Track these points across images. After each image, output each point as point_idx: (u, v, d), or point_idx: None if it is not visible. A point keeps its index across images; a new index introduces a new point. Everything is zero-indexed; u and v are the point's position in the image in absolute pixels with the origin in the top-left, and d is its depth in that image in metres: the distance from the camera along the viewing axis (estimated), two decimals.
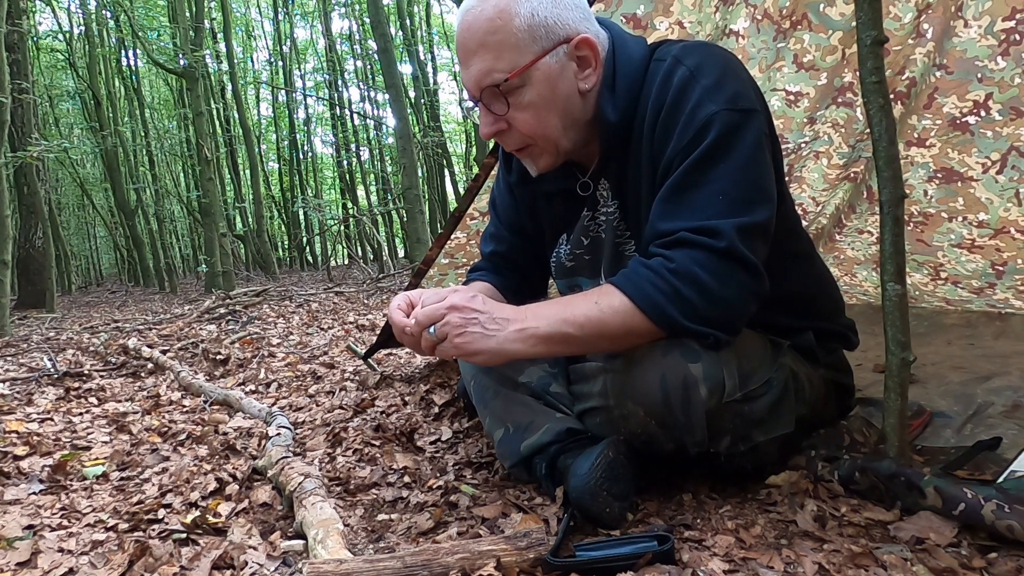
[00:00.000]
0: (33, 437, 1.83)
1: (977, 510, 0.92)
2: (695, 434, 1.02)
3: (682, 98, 1.02)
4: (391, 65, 7.05)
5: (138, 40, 10.81)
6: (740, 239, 0.97)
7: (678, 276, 0.97)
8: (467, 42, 1.03)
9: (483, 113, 1.08)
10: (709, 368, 0.99)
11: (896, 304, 1.02)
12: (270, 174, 19.58)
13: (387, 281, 7.23)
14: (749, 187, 1.01)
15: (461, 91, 10.35)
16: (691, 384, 0.99)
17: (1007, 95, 1.56)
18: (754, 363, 1.06)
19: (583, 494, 1.01)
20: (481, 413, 1.31)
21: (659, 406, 1.01)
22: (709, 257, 0.96)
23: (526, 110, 1.05)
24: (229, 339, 3.72)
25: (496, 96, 1.05)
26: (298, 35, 18.10)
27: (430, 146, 13.83)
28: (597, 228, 1.21)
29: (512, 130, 1.08)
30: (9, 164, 6.00)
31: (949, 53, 1.59)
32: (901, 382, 1.04)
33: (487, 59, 1.02)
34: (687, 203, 1.00)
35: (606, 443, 1.06)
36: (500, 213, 1.37)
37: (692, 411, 1.00)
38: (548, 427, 1.18)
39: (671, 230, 1.00)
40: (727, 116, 0.99)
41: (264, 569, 1.01)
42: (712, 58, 1.04)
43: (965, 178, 1.76)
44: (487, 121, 1.08)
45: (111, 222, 17.22)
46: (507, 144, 1.12)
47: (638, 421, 1.05)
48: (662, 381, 1.00)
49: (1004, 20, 1.48)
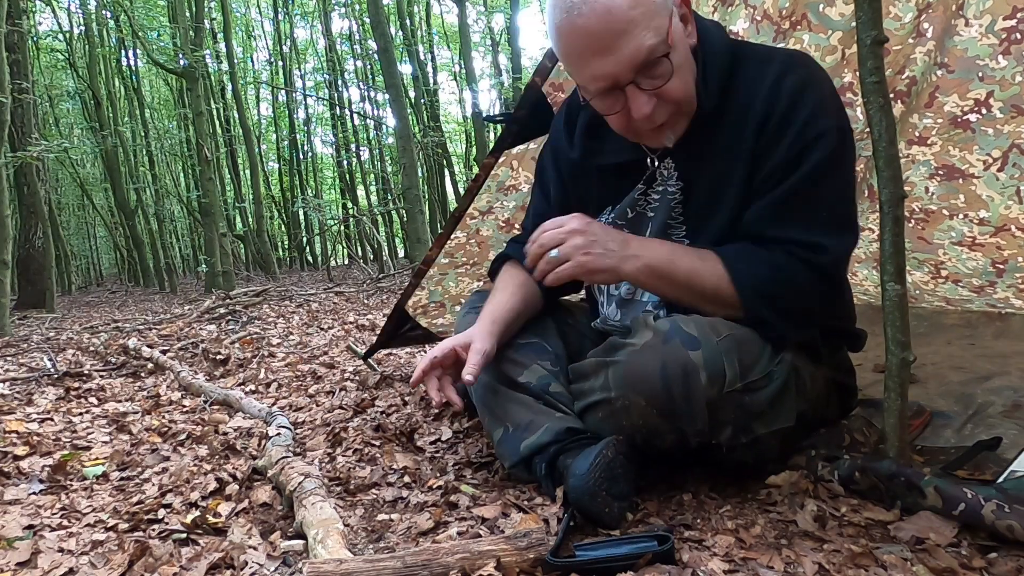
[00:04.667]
0: (33, 437, 1.83)
1: (977, 510, 0.92)
2: (696, 423, 1.02)
3: (797, 105, 1.06)
4: (391, 65, 7.05)
5: (138, 40, 10.82)
6: (839, 260, 1.11)
7: (779, 271, 1.07)
8: (605, 29, 0.99)
9: (636, 95, 1.04)
10: (709, 356, 1.01)
11: (896, 304, 1.02)
12: (270, 174, 19.57)
13: (387, 281, 7.24)
14: (849, 204, 1.12)
15: (462, 91, 10.17)
16: (691, 371, 1.00)
17: (1008, 93, 1.56)
18: (754, 355, 1.07)
19: (582, 494, 1.02)
20: (481, 413, 1.31)
21: (660, 394, 1.01)
22: (810, 269, 1.07)
23: (676, 75, 1.05)
24: (229, 339, 3.72)
25: (655, 68, 1.03)
26: (298, 35, 18.08)
27: (430, 146, 13.82)
28: (647, 204, 1.23)
29: (661, 103, 1.07)
30: (9, 164, 6.00)
31: (950, 52, 1.59)
32: (901, 382, 1.04)
33: (637, 34, 1.00)
34: (799, 213, 1.08)
35: (605, 443, 1.06)
36: (552, 192, 1.37)
37: (693, 399, 1.01)
38: (548, 427, 1.18)
39: (782, 237, 1.08)
40: (837, 133, 1.07)
41: (264, 569, 1.01)
42: (818, 70, 1.12)
43: (966, 175, 1.76)
44: (642, 101, 1.05)
45: (111, 222, 17.23)
46: (655, 119, 1.08)
47: (640, 411, 1.05)
48: (663, 368, 1.01)
49: (1005, 19, 1.48)
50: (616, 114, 1.10)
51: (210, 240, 9.28)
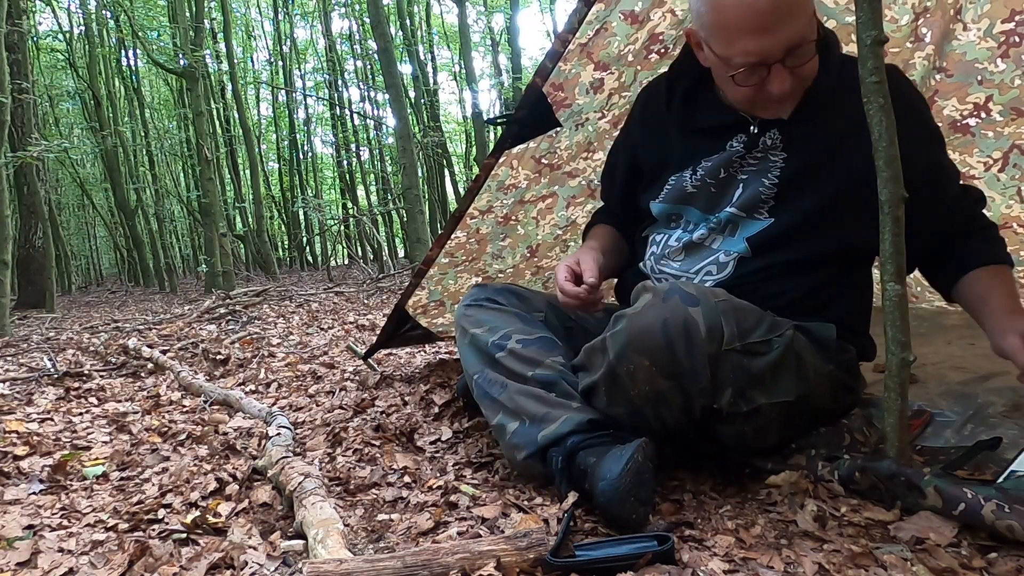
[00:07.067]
0: (33, 437, 1.83)
1: (977, 510, 0.92)
2: (699, 378, 1.03)
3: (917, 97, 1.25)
4: (391, 65, 7.05)
5: (138, 40, 10.82)
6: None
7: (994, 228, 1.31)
8: (772, 10, 1.07)
9: (781, 73, 1.13)
10: (707, 312, 1.04)
11: (896, 304, 1.02)
12: (270, 174, 19.57)
13: (387, 281, 7.24)
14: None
15: (462, 91, 10.12)
16: (691, 325, 1.02)
17: (1007, 96, 1.56)
18: (751, 322, 1.09)
19: (612, 498, 1.01)
20: (488, 408, 1.29)
21: (663, 351, 1.03)
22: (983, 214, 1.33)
23: (813, 57, 1.15)
24: (229, 339, 3.72)
25: (802, 51, 1.11)
26: (298, 35, 18.09)
27: (430, 146, 13.83)
28: (741, 168, 1.28)
29: (797, 80, 1.16)
30: (9, 164, 6.00)
31: (949, 56, 1.59)
32: (901, 382, 1.04)
33: (801, 19, 1.09)
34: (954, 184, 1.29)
35: (635, 447, 1.05)
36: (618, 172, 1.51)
37: (694, 352, 1.02)
38: (568, 417, 1.17)
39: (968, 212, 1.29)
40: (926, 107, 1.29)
41: (264, 569, 1.01)
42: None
43: (967, 177, 1.76)
44: (784, 78, 1.14)
45: (111, 222, 17.22)
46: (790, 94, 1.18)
47: (644, 375, 1.05)
48: (664, 325, 1.03)
49: (1003, 22, 1.48)
50: (747, 87, 1.17)
51: (210, 240, 9.28)
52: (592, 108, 1.67)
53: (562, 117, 1.67)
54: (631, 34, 1.54)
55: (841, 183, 1.21)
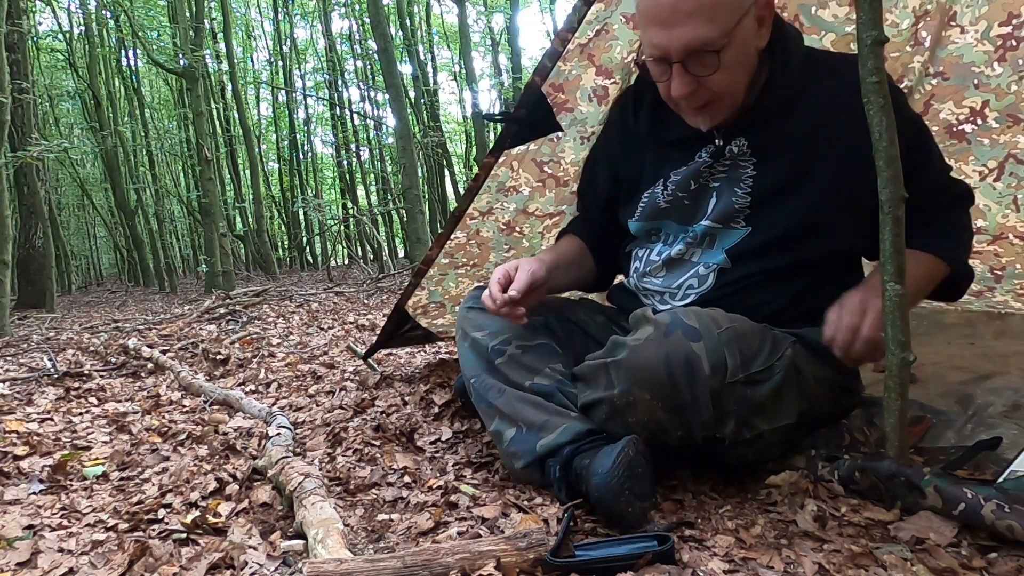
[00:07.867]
0: (33, 437, 1.83)
1: (977, 510, 0.92)
2: (701, 414, 1.02)
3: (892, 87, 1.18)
4: (391, 65, 7.04)
5: (138, 40, 10.80)
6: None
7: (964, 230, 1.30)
8: (672, 5, 1.05)
9: (679, 75, 1.11)
10: (711, 347, 1.01)
11: (896, 304, 1.02)
12: (270, 174, 19.57)
13: (387, 281, 7.24)
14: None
15: (462, 91, 10.10)
16: (694, 361, 1.00)
17: (1004, 102, 1.56)
18: (754, 348, 1.07)
19: (605, 492, 1.01)
20: (485, 412, 1.29)
21: (665, 385, 1.02)
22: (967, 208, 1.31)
23: (724, 70, 1.10)
24: (229, 339, 3.72)
25: (703, 58, 1.08)
26: (298, 35, 18.08)
27: (430, 146, 13.83)
28: (711, 177, 1.26)
29: (702, 89, 1.13)
30: (9, 164, 6.00)
31: (945, 59, 1.59)
32: (901, 382, 1.04)
33: (701, 22, 1.05)
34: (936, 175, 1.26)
35: (626, 441, 1.05)
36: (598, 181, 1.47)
37: (697, 389, 1.01)
38: (567, 427, 1.16)
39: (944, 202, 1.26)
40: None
41: (264, 569, 1.01)
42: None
43: None
44: (684, 83, 1.11)
45: (111, 222, 17.22)
46: (692, 101, 1.15)
47: (645, 407, 1.05)
48: (666, 360, 1.01)
49: (1000, 25, 1.48)
50: (662, 83, 1.16)
51: (210, 240, 9.28)
52: (597, 121, 1.64)
53: (564, 122, 1.65)
54: (633, 40, 1.53)
55: (817, 185, 1.18)
